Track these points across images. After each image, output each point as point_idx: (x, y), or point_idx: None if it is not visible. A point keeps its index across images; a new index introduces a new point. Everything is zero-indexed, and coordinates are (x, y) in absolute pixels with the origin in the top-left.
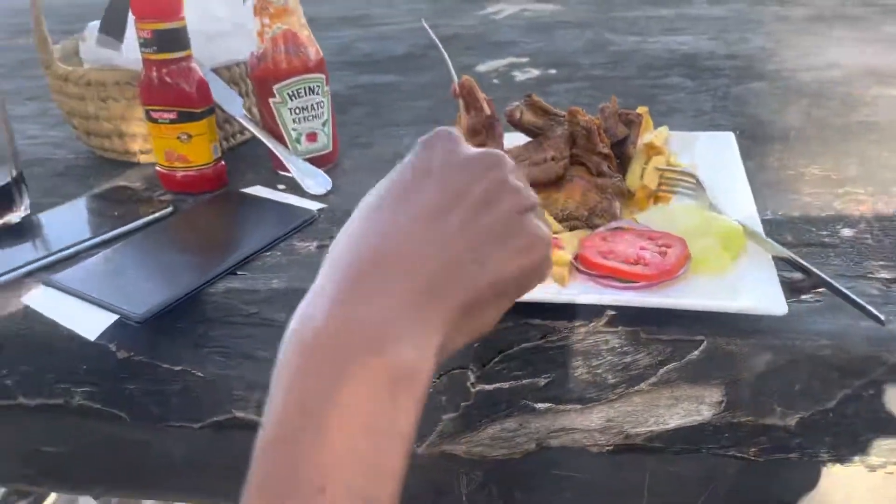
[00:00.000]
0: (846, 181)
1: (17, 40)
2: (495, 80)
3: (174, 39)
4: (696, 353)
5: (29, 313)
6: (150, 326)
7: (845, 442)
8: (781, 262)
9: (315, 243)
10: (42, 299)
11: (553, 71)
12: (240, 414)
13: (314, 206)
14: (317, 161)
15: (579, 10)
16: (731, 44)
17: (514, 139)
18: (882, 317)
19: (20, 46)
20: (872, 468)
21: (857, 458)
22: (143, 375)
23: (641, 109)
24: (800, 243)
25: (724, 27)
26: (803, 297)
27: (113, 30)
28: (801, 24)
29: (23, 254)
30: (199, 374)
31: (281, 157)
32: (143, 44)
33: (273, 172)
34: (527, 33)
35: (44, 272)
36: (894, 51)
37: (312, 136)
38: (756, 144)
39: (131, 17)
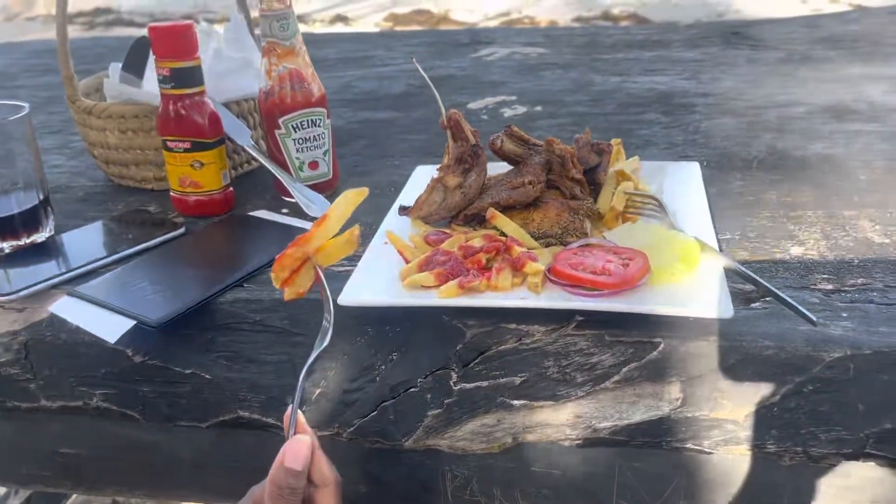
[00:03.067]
0: (799, 205)
1: (39, 79)
2: (485, 116)
3: (190, 76)
4: (655, 353)
5: (54, 322)
6: (163, 332)
7: (790, 434)
8: (731, 275)
9: None
10: (67, 307)
11: (539, 108)
12: (244, 414)
13: None
14: (318, 187)
15: (566, 52)
16: (704, 83)
17: (499, 168)
18: (815, 318)
19: (41, 85)
20: (815, 459)
21: (800, 450)
22: (155, 378)
23: (615, 141)
24: (753, 259)
25: (699, 68)
26: (751, 304)
27: (134, 68)
28: (771, 65)
29: (48, 269)
30: (208, 376)
31: (285, 183)
32: (162, 80)
33: (278, 198)
34: (516, 74)
35: (67, 285)
36: (852, 90)
37: (314, 165)
38: (721, 173)
39: (151, 57)
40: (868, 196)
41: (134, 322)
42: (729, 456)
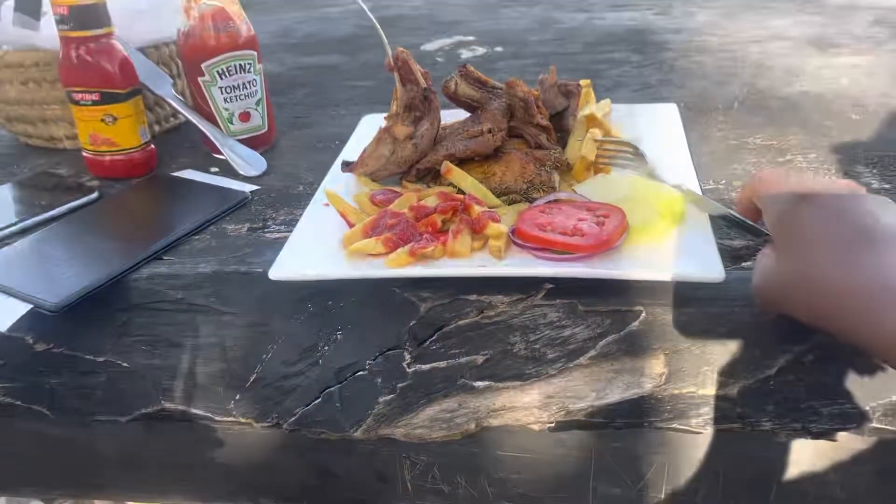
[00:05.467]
0: (788, 149)
1: None
2: (440, 59)
3: (92, 15)
4: (636, 324)
5: None
6: (69, 316)
7: (787, 409)
8: (720, 230)
9: (246, 226)
10: None
11: (499, 48)
12: (169, 405)
13: (248, 187)
14: (252, 142)
15: None
16: (676, 18)
17: (454, 116)
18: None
19: None
20: (816, 435)
21: (799, 426)
22: (63, 368)
23: (583, 82)
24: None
25: (669, 2)
26: (743, 264)
27: (28, 7)
28: None
29: None
30: (125, 364)
31: (213, 139)
32: (60, 21)
33: (207, 155)
34: (474, 12)
35: None
36: (834, 21)
37: (245, 116)
38: (700, 116)
39: None
40: (861, 137)
41: (30, 306)
42: (718, 433)
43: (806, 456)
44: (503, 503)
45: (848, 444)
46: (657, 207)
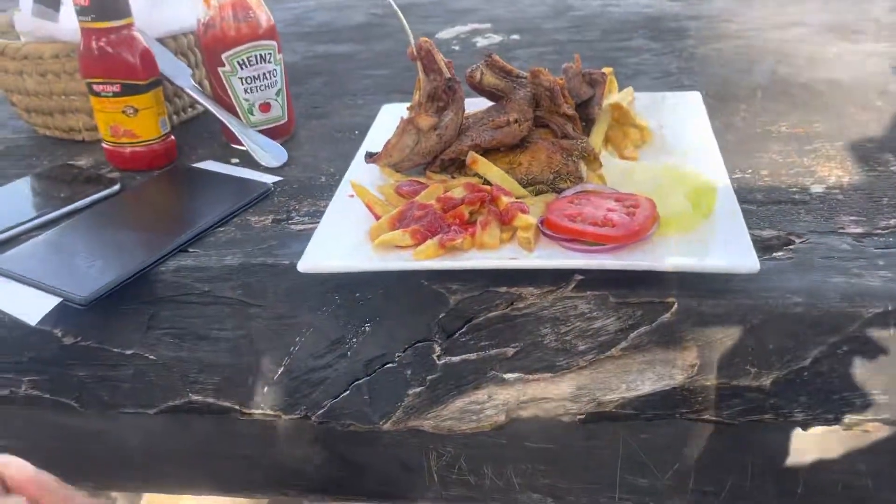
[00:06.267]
0: (815, 138)
1: None
2: (456, 47)
3: (113, 6)
4: (668, 315)
5: None
6: (97, 309)
7: (820, 401)
8: (751, 220)
9: (270, 217)
10: None
11: (516, 36)
12: (196, 398)
13: (269, 179)
14: (272, 133)
15: None
16: (693, 4)
17: (478, 105)
18: None
19: None
20: (848, 426)
21: (832, 417)
22: (92, 361)
23: (607, 70)
24: (769, 201)
25: None
26: (774, 254)
27: None
28: None
29: None
30: (152, 357)
31: (233, 130)
32: (80, 11)
33: (227, 146)
34: (487, 0)
35: None
36: (854, 7)
37: (266, 107)
38: (722, 104)
39: None
40: (887, 124)
41: (59, 300)
42: (749, 424)
43: (836, 447)
44: (529, 494)
45: (879, 435)
46: (688, 197)
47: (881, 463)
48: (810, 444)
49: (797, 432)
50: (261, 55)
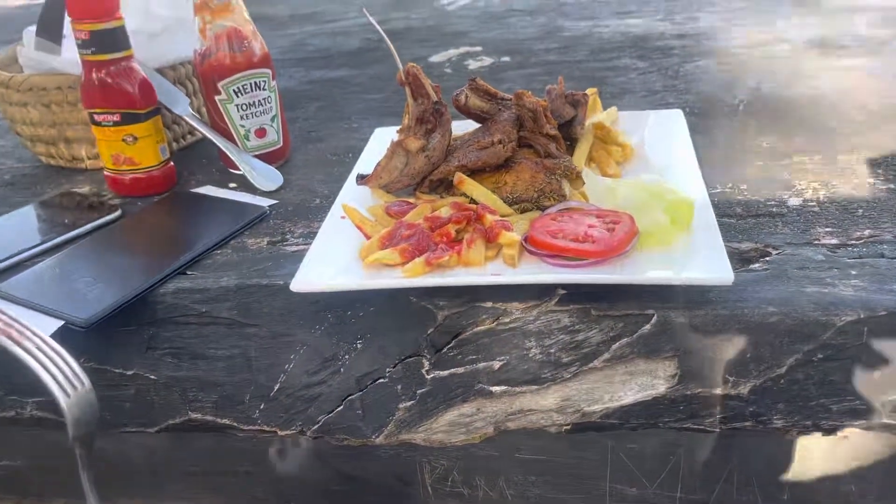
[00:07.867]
0: (793, 151)
1: None
2: (448, 70)
3: (113, 39)
4: (648, 326)
5: None
6: (98, 331)
7: (798, 407)
8: (728, 233)
9: (266, 239)
10: None
11: (506, 58)
12: (196, 416)
13: (265, 202)
14: (268, 157)
15: None
16: (679, 23)
17: (465, 127)
18: None
19: None
20: (826, 432)
21: (810, 424)
22: (94, 381)
23: (590, 91)
24: (748, 214)
25: (672, 8)
26: (751, 266)
27: (50, 32)
28: (748, 2)
29: None
30: (152, 376)
31: (230, 155)
32: (81, 45)
33: (225, 171)
34: (480, 23)
35: None
36: (836, 23)
37: (261, 132)
38: (705, 120)
39: (68, 19)
40: (866, 138)
41: (61, 322)
42: (731, 432)
43: (818, 453)
44: None
45: (859, 440)
46: (667, 213)
47: (863, 468)
48: (793, 451)
49: (780, 439)
50: (256, 83)
